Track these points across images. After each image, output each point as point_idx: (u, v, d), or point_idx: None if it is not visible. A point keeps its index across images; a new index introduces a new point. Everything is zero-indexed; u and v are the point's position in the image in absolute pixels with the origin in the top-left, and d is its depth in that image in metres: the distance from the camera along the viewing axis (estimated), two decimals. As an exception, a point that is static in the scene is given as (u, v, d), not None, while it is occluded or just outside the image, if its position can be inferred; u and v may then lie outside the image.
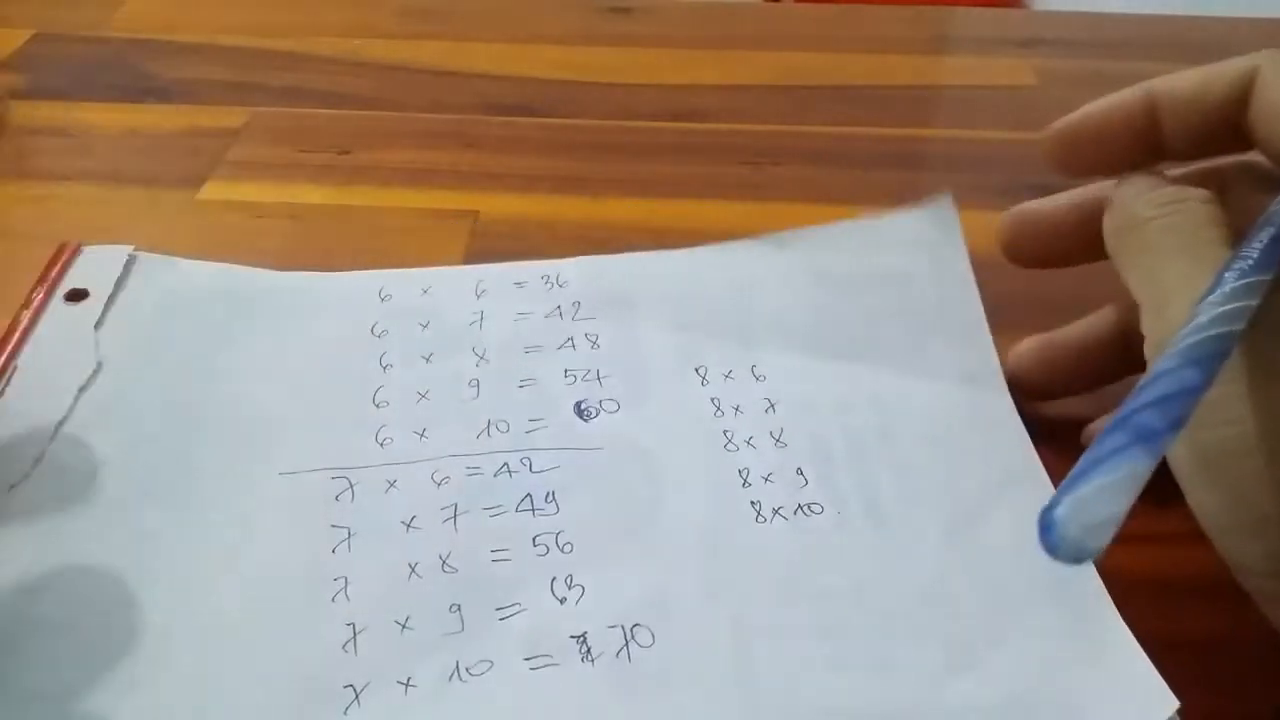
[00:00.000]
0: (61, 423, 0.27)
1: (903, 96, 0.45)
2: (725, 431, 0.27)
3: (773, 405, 0.28)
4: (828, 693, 0.22)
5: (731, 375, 0.29)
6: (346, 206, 0.37)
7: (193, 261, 0.32)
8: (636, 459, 0.27)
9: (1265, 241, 0.22)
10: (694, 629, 0.23)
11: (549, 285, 0.32)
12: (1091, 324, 0.28)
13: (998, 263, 0.29)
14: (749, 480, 0.26)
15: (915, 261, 0.32)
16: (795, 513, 0.25)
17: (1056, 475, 0.26)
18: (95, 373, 0.29)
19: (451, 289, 0.32)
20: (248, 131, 0.41)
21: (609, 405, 0.28)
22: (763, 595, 0.24)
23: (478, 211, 0.37)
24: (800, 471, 0.26)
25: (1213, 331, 0.20)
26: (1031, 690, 0.22)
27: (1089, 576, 0.24)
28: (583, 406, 0.28)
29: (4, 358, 0.29)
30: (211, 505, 0.25)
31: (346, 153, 0.40)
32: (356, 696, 0.22)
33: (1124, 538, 0.25)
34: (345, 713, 0.21)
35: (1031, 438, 0.27)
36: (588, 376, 0.29)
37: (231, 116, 0.42)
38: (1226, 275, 0.21)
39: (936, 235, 0.32)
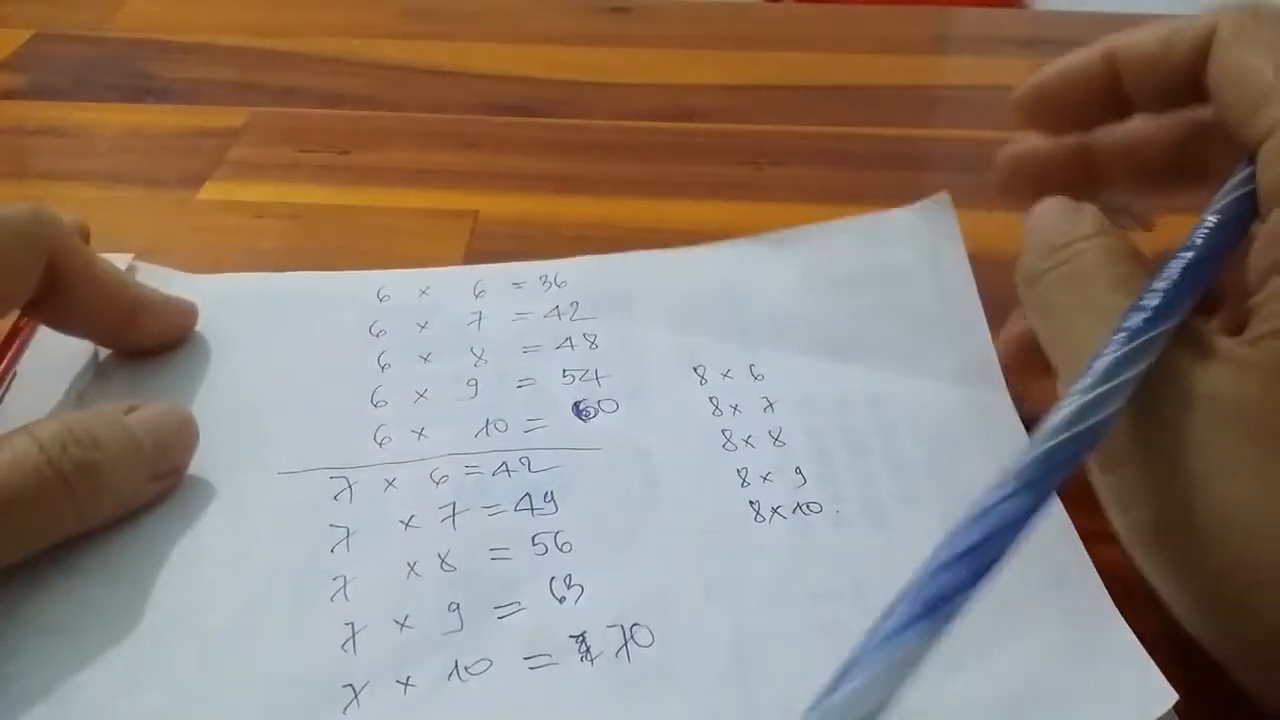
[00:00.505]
0: None
1: (903, 96, 0.45)
2: (724, 431, 0.27)
3: (771, 404, 0.28)
4: None
5: (730, 375, 0.29)
6: (346, 206, 0.37)
7: (191, 275, 0.32)
8: (635, 459, 0.27)
9: (1168, 285, 0.21)
10: (693, 628, 0.23)
11: (547, 285, 0.32)
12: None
13: (997, 262, 0.29)
14: (748, 480, 0.26)
15: (913, 258, 0.32)
16: (794, 512, 0.25)
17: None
18: (94, 380, 0.29)
19: (450, 289, 0.32)
20: (248, 131, 0.41)
21: (607, 405, 0.28)
22: (761, 594, 0.24)
23: (478, 211, 0.37)
24: (799, 470, 0.26)
25: (1060, 438, 0.19)
26: (1030, 688, 0.22)
27: (1088, 574, 0.24)
28: (581, 406, 0.28)
29: (4, 364, 0.29)
30: (210, 506, 0.25)
31: (346, 153, 0.40)
32: (355, 696, 0.22)
33: (1106, 538, 0.25)
34: (344, 712, 0.21)
35: (1029, 434, 0.27)
36: (586, 376, 0.29)
37: (231, 116, 0.42)
38: (1110, 343, 0.20)
39: (934, 233, 0.32)
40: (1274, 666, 0.20)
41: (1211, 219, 0.22)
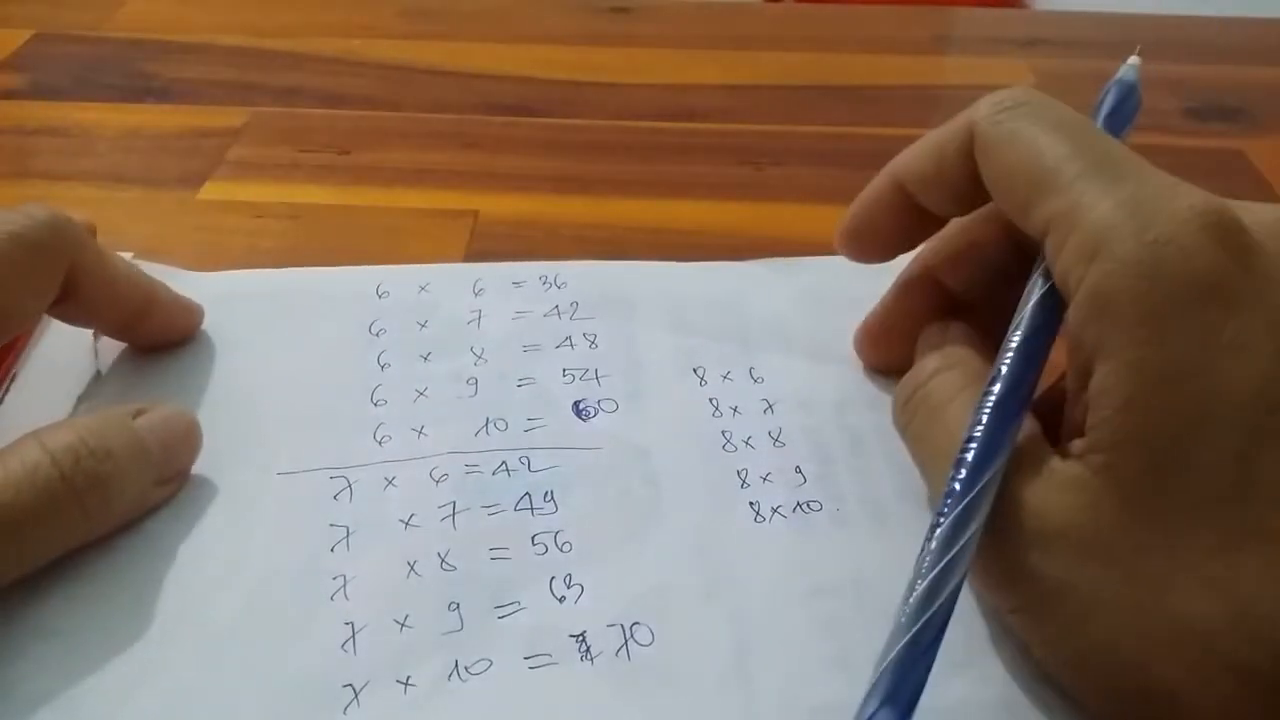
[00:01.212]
0: None
1: (903, 96, 0.45)
2: (724, 432, 0.27)
3: (771, 406, 0.28)
4: (827, 691, 0.22)
5: (729, 376, 0.29)
6: (346, 206, 0.37)
7: (190, 272, 0.32)
8: (635, 459, 0.27)
9: (986, 420, 0.21)
10: (693, 628, 0.23)
11: (547, 285, 0.32)
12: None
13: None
14: (747, 481, 0.26)
15: None
16: (794, 511, 0.25)
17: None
18: (94, 380, 0.29)
19: (450, 287, 0.32)
20: (248, 131, 0.41)
21: (607, 405, 0.28)
22: (761, 594, 0.23)
23: (478, 211, 0.37)
24: (799, 470, 0.26)
25: (904, 640, 0.19)
26: (1028, 690, 0.22)
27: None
28: (581, 406, 0.28)
29: (3, 366, 0.29)
30: (210, 508, 0.25)
31: (346, 153, 0.40)
32: (356, 696, 0.21)
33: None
34: (344, 712, 0.21)
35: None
36: (586, 376, 0.29)
37: (231, 116, 0.42)
38: (936, 518, 0.20)
39: None
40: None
41: (1015, 337, 0.22)
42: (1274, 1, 0.54)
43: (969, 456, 0.21)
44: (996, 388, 0.21)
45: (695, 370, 0.29)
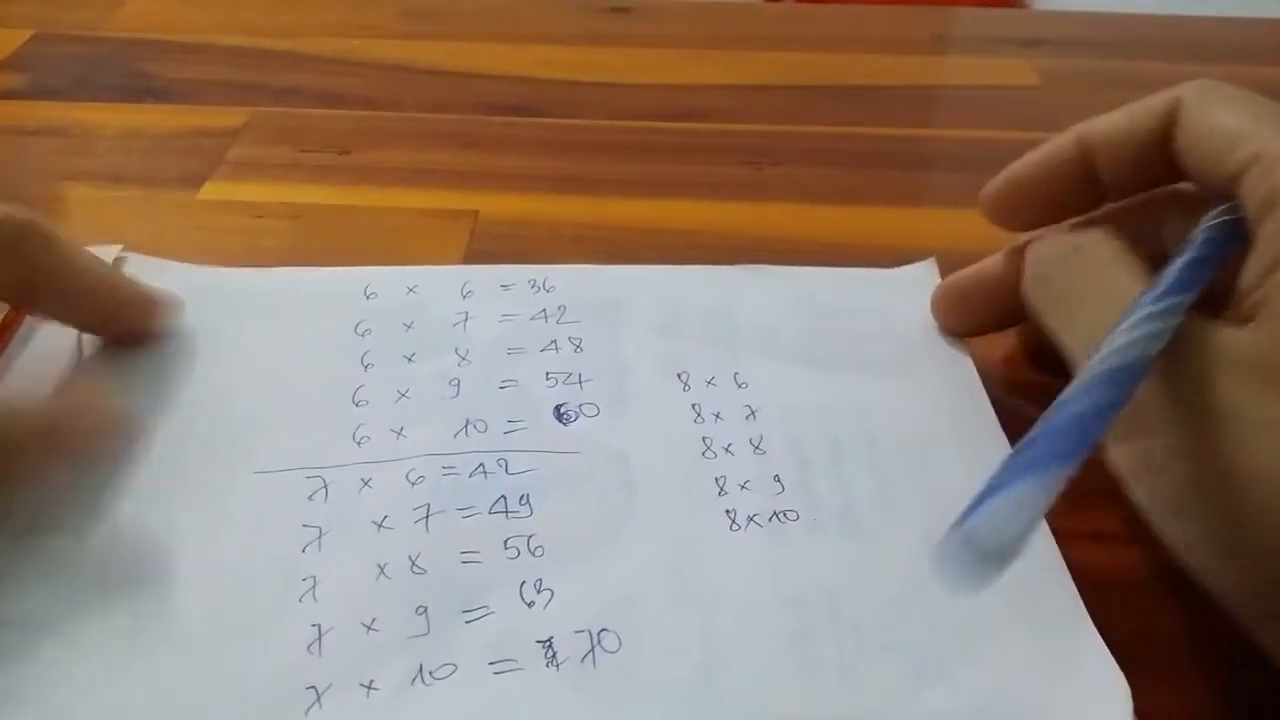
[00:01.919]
0: None
1: (903, 96, 0.45)
2: (704, 438, 0.27)
3: (754, 412, 0.28)
4: (795, 701, 0.22)
5: (714, 382, 0.29)
6: (346, 206, 0.37)
7: (180, 264, 0.32)
8: (613, 464, 0.26)
9: (1179, 267, 0.22)
10: (661, 636, 0.23)
11: (536, 289, 0.32)
12: (1006, 262, 0.29)
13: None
14: (725, 489, 0.26)
15: (897, 301, 0.31)
16: (770, 520, 0.25)
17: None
18: (77, 372, 0.29)
19: (438, 289, 0.32)
20: (248, 131, 0.41)
21: (589, 409, 0.28)
22: (732, 602, 0.23)
23: (478, 211, 0.37)
24: (777, 479, 0.26)
25: (1110, 363, 0.20)
26: (1001, 702, 0.21)
27: (1064, 587, 0.23)
28: (563, 410, 0.28)
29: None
30: (185, 505, 0.25)
31: (346, 153, 0.40)
32: (318, 698, 0.21)
33: (1102, 537, 0.25)
34: (306, 714, 0.21)
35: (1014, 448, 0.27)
36: (569, 380, 0.29)
37: (231, 116, 0.42)
38: (1138, 302, 0.22)
39: (919, 285, 0.32)
40: None
41: (1201, 235, 0.24)
42: (1274, 1, 0.54)
43: (1168, 279, 0.22)
44: (1189, 253, 0.23)
45: (679, 375, 0.29)
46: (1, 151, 0.40)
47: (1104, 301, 0.24)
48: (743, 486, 0.26)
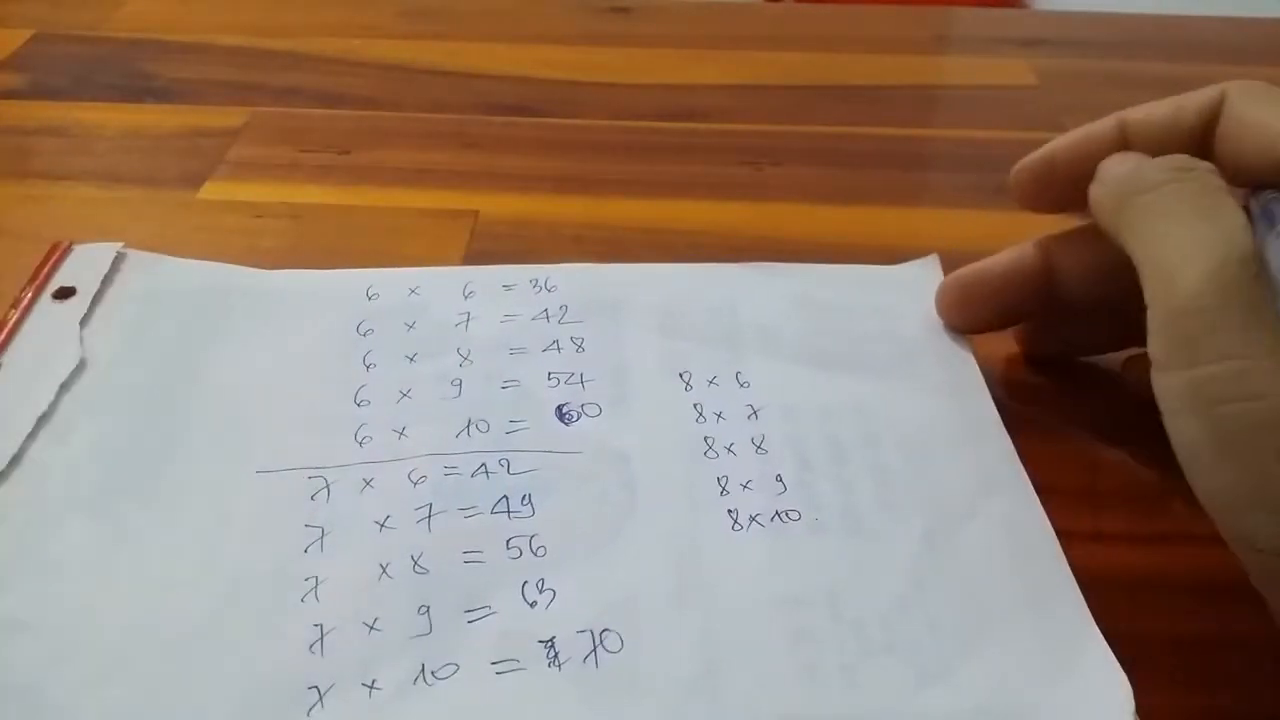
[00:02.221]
0: (42, 418, 0.27)
1: (903, 96, 0.45)
2: (706, 438, 0.27)
3: (755, 412, 0.28)
4: (796, 701, 0.22)
5: (715, 381, 0.29)
6: (346, 206, 0.37)
7: (181, 260, 0.32)
8: (615, 464, 0.26)
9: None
10: (663, 636, 0.23)
11: (537, 289, 0.32)
12: (1013, 259, 0.29)
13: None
14: (727, 488, 0.26)
15: (901, 298, 0.31)
16: (772, 520, 0.25)
17: (1039, 484, 0.26)
18: (78, 369, 0.29)
19: (439, 290, 0.32)
20: (248, 131, 0.41)
21: (590, 409, 0.28)
22: (734, 603, 0.23)
23: (478, 211, 0.37)
24: (779, 478, 0.26)
25: None
26: (1003, 702, 0.21)
27: (1067, 586, 0.23)
28: (564, 410, 0.28)
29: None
30: (187, 503, 0.25)
31: (346, 153, 0.40)
32: (320, 698, 0.21)
33: (1102, 537, 0.25)
34: (308, 714, 0.21)
35: (1016, 448, 0.27)
36: (571, 380, 0.29)
37: (231, 116, 0.42)
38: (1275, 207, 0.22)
39: (921, 283, 0.32)
40: None
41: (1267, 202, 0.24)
42: (1274, 1, 0.54)
43: None
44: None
45: (681, 375, 0.29)
46: (1, 151, 0.40)
47: (1214, 225, 0.22)
48: (745, 486, 0.26)
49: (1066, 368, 0.30)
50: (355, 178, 0.38)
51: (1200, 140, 0.25)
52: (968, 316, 0.30)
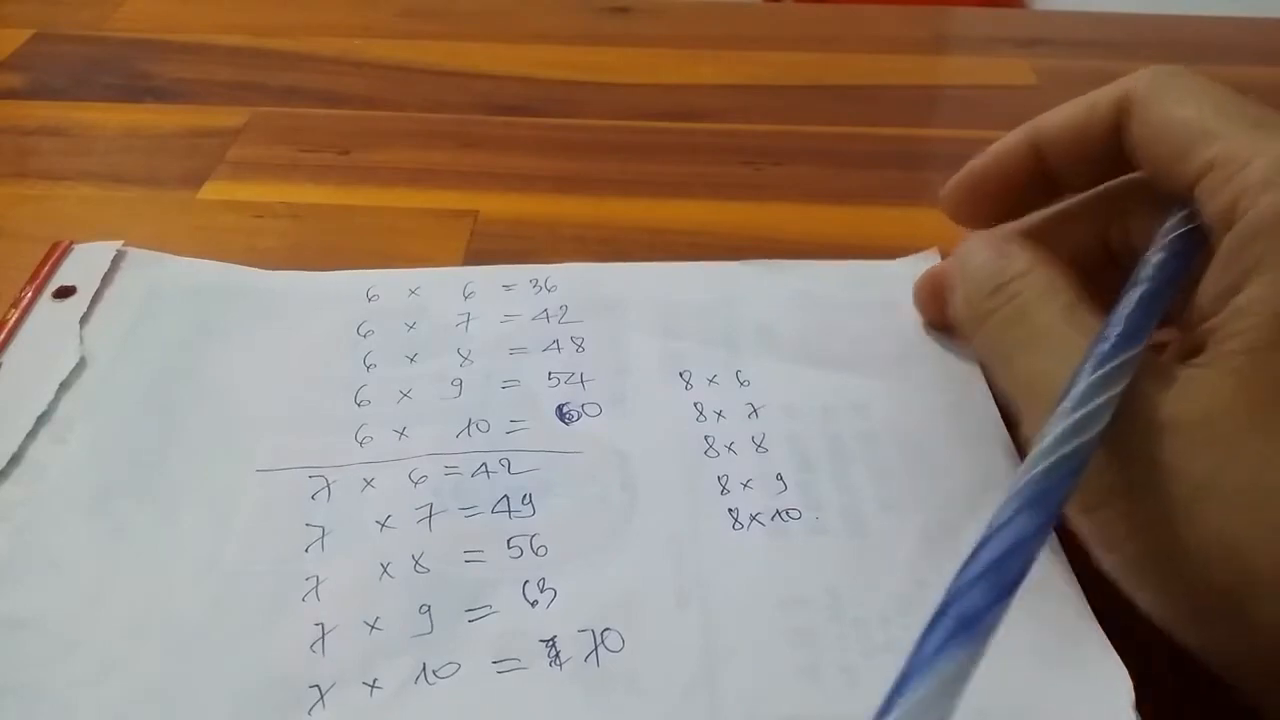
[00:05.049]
0: (42, 417, 0.27)
1: (903, 96, 0.45)
2: (706, 437, 0.27)
3: (756, 410, 0.28)
4: (797, 701, 0.22)
5: (716, 380, 0.29)
6: (346, 206, 0.37)
7: (181, 258, 0.33)
8: (615, 463, 0.26)
9: (1131, 306, 0.22)
10: (664, 635, 0.23)
11: (537, 288, 0.32)
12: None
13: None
14: (728, 487, 0.26)
15: (900, 295, 0.31)
16: (772, 519, 0.25)
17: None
18: (78, 368, 0.29)
19: (439, 290, 0.32)
20: (248, 131, 0.41)
21: (591, 409, 0.28)
22: (735, 602, 0.23)
23: (478, 211, 0.37)
24: (780, 477, 0.26)
25: (1053, 457, 0.19)
26: (1004, 700, 0.21)
27: (1067, 582, 0.23)
28: (564, 409, 0.28)
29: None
30: (187, 502, 0.25)
31: (346, 153, 0.40)
32: (321, 697, 0.21)
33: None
34: (309, 713, 0.21)
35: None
36: (571, 379, 0.29)
37: (231, 116, 0.42)
38: (1081, 370, 0.21)
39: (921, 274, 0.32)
40: (1276, 676, 0.20)
41: (1157, 256, 0.23)
42: (1274, 1, 0.54)
43: (1118, 324, 0.21)
44: (1143, 285, 0.22)
45: (681, 374, 0.29)
46: (1, 151, 0.40)
47: (1050, 352, 0.22)
48: (745, 485, 0.26)
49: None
50: (355, 178, 0.38)
51: (1113, 147, 0.25)
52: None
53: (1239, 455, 0.20)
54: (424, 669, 0.22)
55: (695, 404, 0.28)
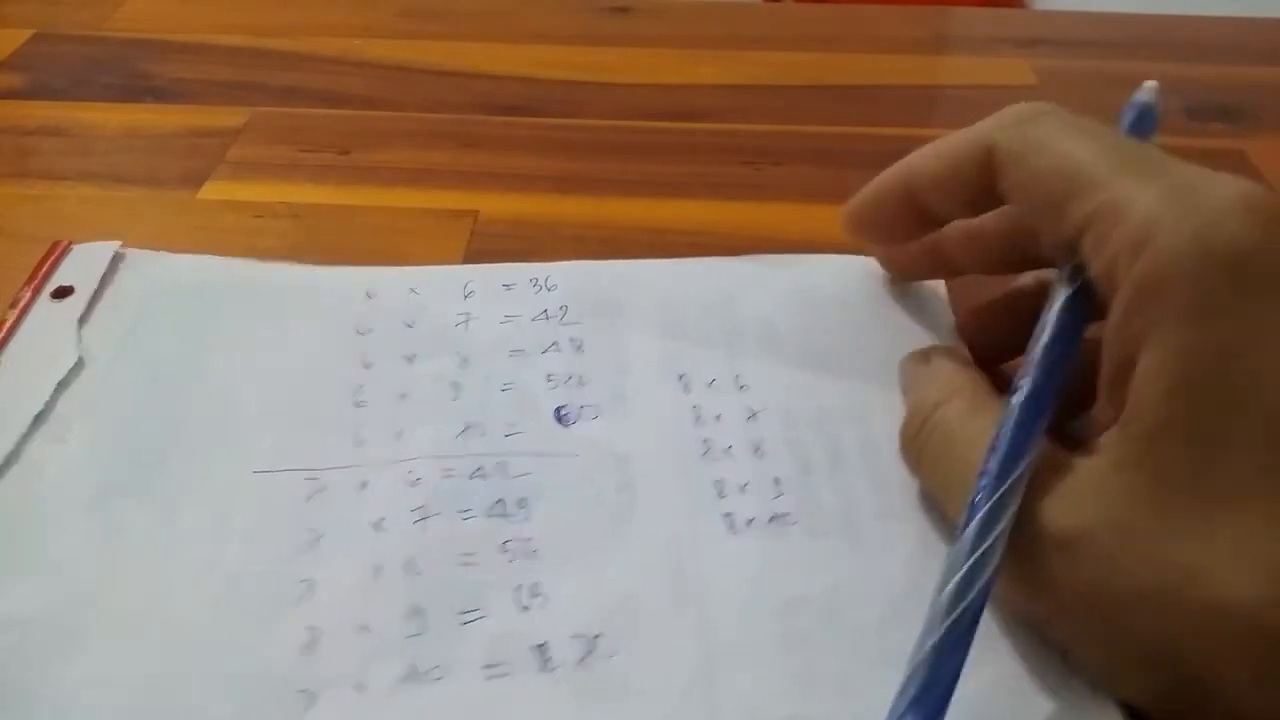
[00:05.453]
0: (39, 417, 0.27)
1: (903, 96, 0.45)
2: (704, 440, 0.27)
3: (754, 414, 0.28)
4: (791, 708, 0.21)
5: (714, 383, 0.29)
6: (346, 206, 0.37)
7: (179, 255, 0.32)
8: (612, 467, 0.26)
9: (1005, 440, 0.21)
10: (658, 641, 0.23)
11: (537, 288, 0.32)
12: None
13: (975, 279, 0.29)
14: (724, 492, 0.26)
15: (897, 288, 0.32)
16: (769, 523, 0.25)
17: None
18: (76, 368, 0.29)
19: (439, 289, 0.32)
20: (248, 131, 0.41)
21: (589, 411, 0.28)
22: (730, 608, 0.23)
23: (478, 211, 0.37)
24: (777, 482, 0.26)
25: (954, 615, 0.19)
26: (995, 709, 0.21)
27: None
28: (563, 412, 0.28)
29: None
30: (183, 504, 0.25)
31: (346, 153, 0.40)
32: (313, 701, 0.21)
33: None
34: (302, 717, 0.21)
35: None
36: (570, 381, 0.29)
37: (231, 116, 0.42)
38: (971, 507, 0.20)
39: (922, 282, 0.32)
40: None
41: (1043, 337, 0.22)
42: (1274, 1, 0.54)
43: (1000, 448, 0.21)
44: (1025, 385, 0.22)
45: (680, 377, 0.29)
46: (1, 151, 0.40)
47: (959, 477, 0.22)
48: (742, 490, 0.26)
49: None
50: (355, 178, 0.38)
51: (987, 189, 0.24)
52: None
53: (1158, 561, 0.19)
54: (413, 672, 0.22)
55: (694, 407, 0.28)
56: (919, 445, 0.25)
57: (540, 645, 0.22)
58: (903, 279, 0.31)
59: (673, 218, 0.37)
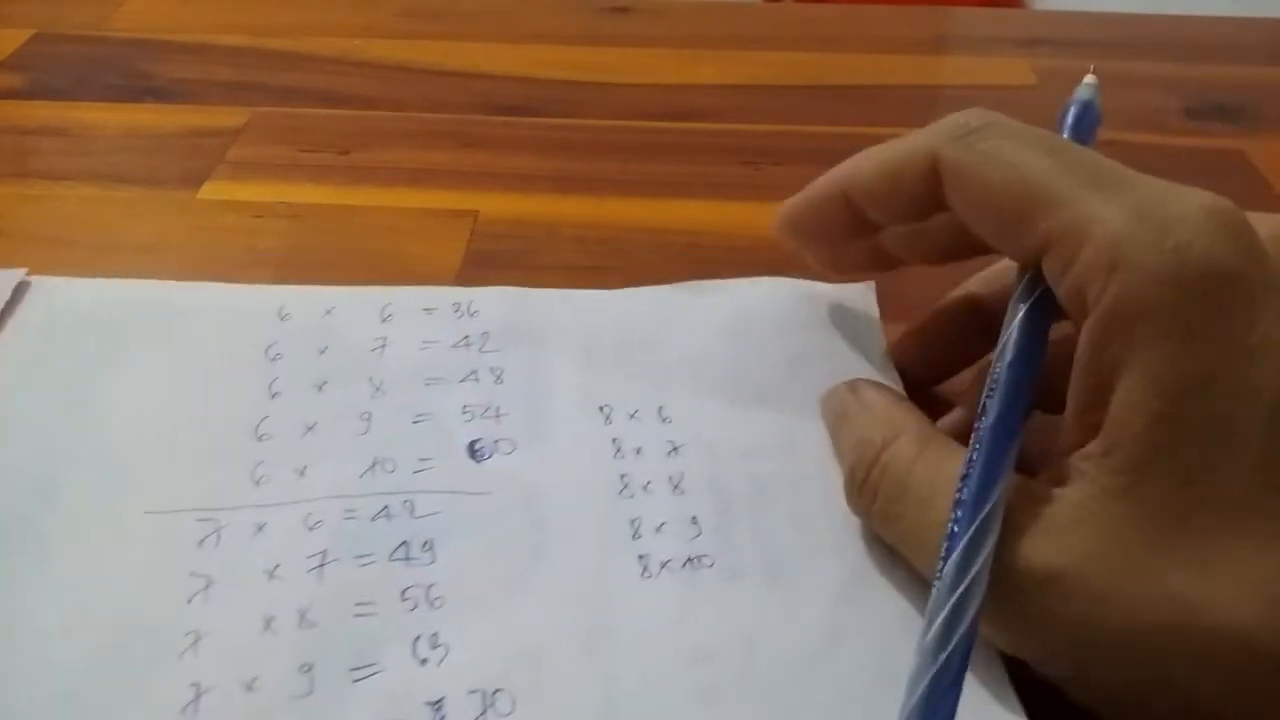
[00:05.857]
0: None
1: (903, 96, 0.45)
2: (622, 476, 0.26)
3: (676, 448, 0.26)
4: None
5: (637, 415, 0.27)
6: (346, 206, 0.37)
7: (86, 281, 0.31)
8: (524, 506, 0.25)
9: (979, 464, 0.20)
10: (559, 694, 0.21)
11: (459, 314, 0.30)
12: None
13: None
14: (639, 531, 0.24)
15: (836, 317, 0.30)
16: (684, 566, 0.24)
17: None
18: None
19: (356, 311, 0.30)
20: (248, 131, 0.41)
21: (504, 445, 0.26)
22: (640, 656, 0.22)
23: (478, 211, 0.37)
24: (695, 520, 0.25)
25: (943, 656, 0.19)
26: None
27: (986, 647, 0.22)
28: (477, 446, 0.27)
29: None
30: (67, 550, 0.24)
31: (346, 153, 0.40)
32: None
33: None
34: None
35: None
36: (487, 413, 0.27)
37: (231, 116, 0.42)
38: (945, 545, 0.20)
39: (858, 305, 0.31)
40: None
41: (1005, 356, 0.22)
42: (1274, 1, 0.54)
43: (975, 474, 0.20)
44: (991, 412, 0.21)
45: (601, 408, 0.28)
46: (1, 151, 0.40)
47: (921, 522, 0.21)
48: (658, 529, 0.24)
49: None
50: (355, 178, 0.38)
51: (929, 205, 0.23)
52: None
53: (1153, 597, 0.19)
54: None
55: (614, 440, 0.27)
56: (870, 491, 0.23)
57: (436, 702, 0.21)
58: (837, 277, 0.30)
59: (673, 218, 0.37)
